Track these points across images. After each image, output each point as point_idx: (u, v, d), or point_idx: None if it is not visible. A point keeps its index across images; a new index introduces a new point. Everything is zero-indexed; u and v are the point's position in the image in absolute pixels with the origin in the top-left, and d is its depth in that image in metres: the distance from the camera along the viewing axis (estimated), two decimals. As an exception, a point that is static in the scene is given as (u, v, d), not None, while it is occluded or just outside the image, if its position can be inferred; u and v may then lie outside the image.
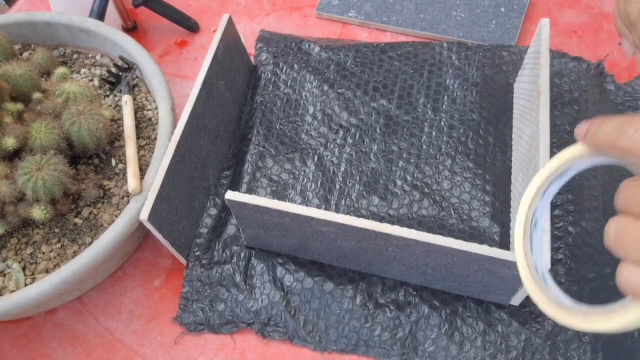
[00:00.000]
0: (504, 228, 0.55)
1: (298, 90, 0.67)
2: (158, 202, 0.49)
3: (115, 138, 0.59)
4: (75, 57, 0.67)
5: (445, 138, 0.61)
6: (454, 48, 0.68)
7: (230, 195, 0.46)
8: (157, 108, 0.61)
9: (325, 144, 0.62)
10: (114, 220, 0.52)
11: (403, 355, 0.50)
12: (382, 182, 0.59)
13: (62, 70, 0.61)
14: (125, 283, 0.57)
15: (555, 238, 0.54)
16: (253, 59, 0.71)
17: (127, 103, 0.60)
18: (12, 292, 0.50)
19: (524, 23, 0.72)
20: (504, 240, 0.55)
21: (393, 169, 0.60)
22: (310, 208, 0.45)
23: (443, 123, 0.63)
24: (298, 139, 0.63)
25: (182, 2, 0.79)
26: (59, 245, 0.53)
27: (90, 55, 0.67)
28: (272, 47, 0.71)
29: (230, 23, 0.62)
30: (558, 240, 0.54)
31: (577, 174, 0.31)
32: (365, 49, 0.69)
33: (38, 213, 0.50)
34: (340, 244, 0.49)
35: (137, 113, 0.61)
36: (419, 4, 0.75)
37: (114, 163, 0.57)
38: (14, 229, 0.53)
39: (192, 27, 0.76)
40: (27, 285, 0.51)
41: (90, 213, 0.54)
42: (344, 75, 0.67)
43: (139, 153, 0.57)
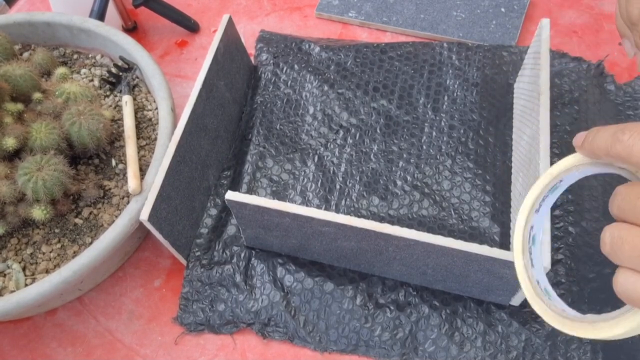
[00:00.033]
0: (504, 228, 0.55)
1: (298, 90, 0.67)
2: (158, 202, 0.49)
3: (115, 138, 0.59)
4: (75, 57, 0.67)
5: (445, 138, 0.61)
6: (454, 48, 0.68)
7: (230, 195, 0.46)
8: (157, 108, 0.61)
9: (325, 144, 0.62)
10: (114, 220, 0.52)
11: (403, 355, 0.50)
12: (382, 182, 0.59)
13: (62, 70, 0.61)
14: (125, 283, 0.57)
15: (555, 238, 0.54)
16: (253, 59, 0.71)
17: (127, 103, 0.60)
18: (12, 292, 0.50)
19: (524, 23, 0.72)
20: (504, 240, 0.55)
21: (393, 169, 0.60)
22: (310, 208, 0.45)
23: (443, 123, 0.63)
24: (298, 139, 0.63)
25: (182, 2, 0.79)
26: (59, 245, 0.53)
27: (90, 55, 0.67)
28: (272, 47, 0.71)
29: (230, 23, 0.62)
30: (558, 240, 0.54)
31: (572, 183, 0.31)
32: (365, 49, 0.69)
33: (38, 213, 0.50)
34: (340, 244, 0.49)
35: (137, 113, 0.61)
36: (419, 4, 0.75)
37: (114, 163, 0.57)
38: (14, 229, 0.53)
39: (192, 27, 0.76)
40: (27, 285, 0.50)
41: (90, 213, 0.54)
42: (344, 75, 0.67)
43: (139, 153, 0.57)
